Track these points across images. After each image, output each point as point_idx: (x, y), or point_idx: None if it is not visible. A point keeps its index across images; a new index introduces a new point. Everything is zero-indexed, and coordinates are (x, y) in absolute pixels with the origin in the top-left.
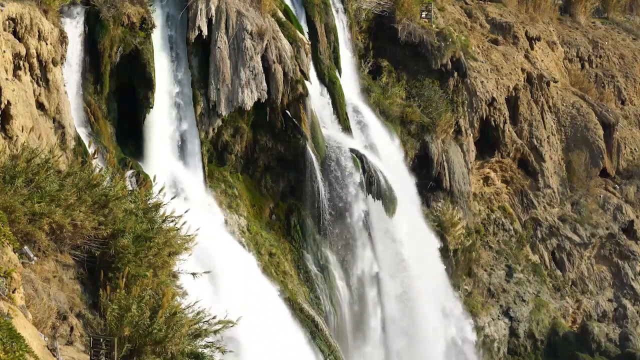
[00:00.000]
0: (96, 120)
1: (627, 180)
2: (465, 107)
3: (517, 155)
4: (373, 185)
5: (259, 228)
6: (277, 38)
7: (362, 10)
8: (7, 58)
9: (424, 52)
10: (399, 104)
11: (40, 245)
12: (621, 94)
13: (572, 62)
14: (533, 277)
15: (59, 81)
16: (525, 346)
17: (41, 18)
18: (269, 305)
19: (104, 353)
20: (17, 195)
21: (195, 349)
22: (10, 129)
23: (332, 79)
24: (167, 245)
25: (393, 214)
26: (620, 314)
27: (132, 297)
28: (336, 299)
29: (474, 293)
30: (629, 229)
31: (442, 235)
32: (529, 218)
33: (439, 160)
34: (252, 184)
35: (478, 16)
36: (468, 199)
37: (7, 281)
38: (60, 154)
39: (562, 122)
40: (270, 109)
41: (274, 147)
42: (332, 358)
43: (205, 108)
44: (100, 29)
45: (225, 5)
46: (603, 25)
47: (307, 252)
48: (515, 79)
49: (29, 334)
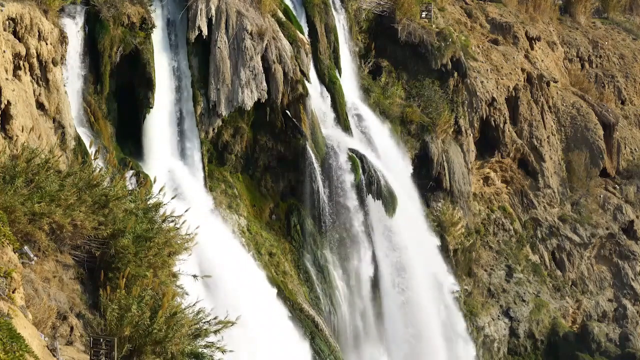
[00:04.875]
0: (96, 120)
1: (627, 180)
2: (465, 107)
3: (517, 155)
4: (373, 185)
5: (259, 228)
6: (277, 38)
7: (362, 10)
8: (7, 58)
9: (424, 52)
10: (399, 104)
11: (40, 245)
12: (621, 94)
13: (572, 62)
14: (533, 277)
15: (59, 81)
16: (525, 346)
17: (41, 18)
18: (268, 304)
19: (104, 353)
20: (17, 195)
21: (195, 349)
22: (10, 129)
23: (332, 79)
24: (167, 245)
25: (393, 214)
26: (620, 314)
27: (132, 297)
28: (336, 299)
29: (474, 293)
30: (629, 229)
31: (442, 235)
32: (529, 218)
33: (439, 160)
34: (252, 184)
35: (478, 16)
36: (468, 199)
37: (7, 281)
38: (60, 154)
39: (562, 122)
40: (270, 109)
41: (274, 147)
42: (332, 358)
43: (205, 108)
44: (100, 29)
45: (225, 5)
46: (603, 25)
47: (307, 252)
48: (515, 79)
49: (29, 334)
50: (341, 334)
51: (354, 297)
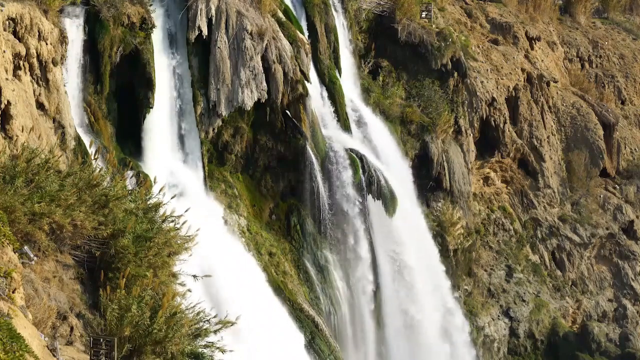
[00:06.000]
0: (96, 120)
1: (627, 180)
2: (465, 107)
3: (517, 155)
4: (373, 185)
5: (259, 228)
6: (277, 38)
7: (362, 10)
8: (7, 58)
9: (424, 52)
10: (399, 104)
11: (40, 245)
12: (621, 94)
13: (572, 62)
14: (533, 277)
15: (59, 81)
16: (525, 346)
17: (41, 18)
18: (267, 304)
19: (104, 353)
20: (17, 195)
21: (195, 349)
22: (10, 129)
23: (332, 79)
24: (167, 245)
25: (393, 214)
26: (620, 314)
27: (132, 297)
28: (336, 299)
29: (474, 293)
30: (629, 229)
31: (442, 235)
32: (529, 218)
33: (439, 160)
34: (252, 184)
35: (478, 16)
36: (468, 199)
37: (7, 281)
38: (60, 154)
39: (562, 122)
40: (270, 109)
41: (274, 147)
42: (332, 358)
43: (205, 108)
44: (100, 29)
45: (225, 5)
46: (603, 25)
47: (307, 252)
48: (515, 79)
49: (29, 334)
50: (341, 334)
51: (353, 297)
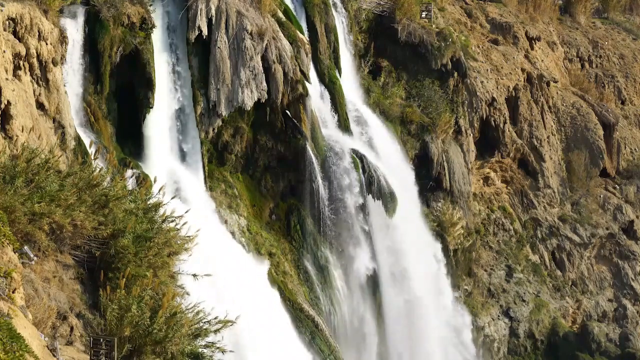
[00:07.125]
0: (96, 120)
1: (627, 180)
2: (465, 107)
3: (517, 155)
4: (373, 185)
5: (259, 228)
6: (277, 38)
7: (362, 10)
8: (7, 58)
9: (424, 52)
10: (399, 104)
11: (40, 245)
12: (621, 94)
13: (572, 62)
14: (533, 277)
15: (59, 81)
16: (525, 346)
17: (41, 18)
18: (268, 305)
19: (104, 353)
20: (17, 195)
21: (195, 349)
22: (10, 129)
23: (332, 79)
24: (167, 245)
25: (393, 214)
26: (620, 314)
27: (132, 297)
28: (336, 299)
29: (474, 293)
30: (629, 229)
31: (442, 235)
32: (529, 218)
33: (439, 160)
34: (252, 184)
35: (478, 16)
36: (468, 199)
37: (7, 281)
38: (60, 154)
39: (562, 122)
40: (270, 109)
41: (274, 147)
42: (332, 358)
43: (205, 108)
44: (100, 29)
45: (225, 5)
46: (603, 25)
47: (307, 252)
48: (515, 79)
49: (29, 334)
50: (341, 334)
51: (353, 297)
